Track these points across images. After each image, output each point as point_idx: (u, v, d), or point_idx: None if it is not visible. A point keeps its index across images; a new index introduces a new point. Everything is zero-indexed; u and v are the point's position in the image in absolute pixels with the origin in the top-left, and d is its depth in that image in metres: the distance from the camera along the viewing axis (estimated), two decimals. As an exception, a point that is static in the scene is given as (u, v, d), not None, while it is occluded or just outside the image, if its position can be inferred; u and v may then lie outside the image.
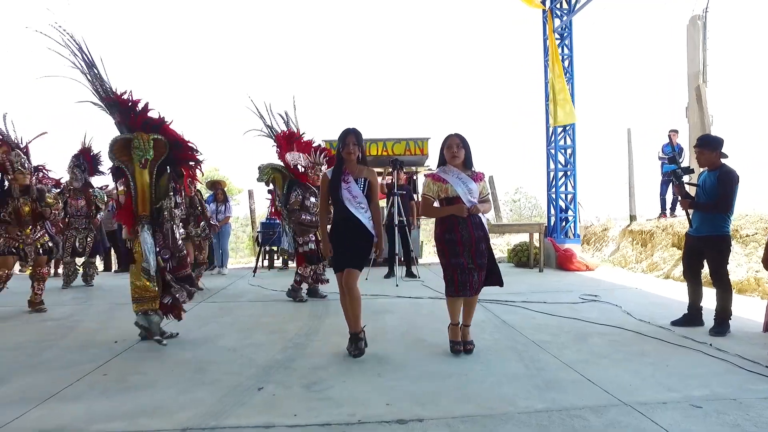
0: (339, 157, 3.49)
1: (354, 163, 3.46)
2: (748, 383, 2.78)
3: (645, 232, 8.74)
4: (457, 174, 3.36)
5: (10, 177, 4.95)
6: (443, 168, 3.44)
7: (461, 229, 3.32)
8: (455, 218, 3.33)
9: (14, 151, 4.94)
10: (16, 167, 4.91)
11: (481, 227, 3.38)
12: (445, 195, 3.38)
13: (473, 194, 3.33)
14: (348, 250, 3.40)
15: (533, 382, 2.90)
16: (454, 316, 3.47)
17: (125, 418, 2.47)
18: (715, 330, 3.86)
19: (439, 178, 3.39)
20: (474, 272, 3.33)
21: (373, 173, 3.55)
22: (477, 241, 3.33)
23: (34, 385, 2.94)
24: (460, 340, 3.46)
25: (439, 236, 3.43)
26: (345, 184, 3.40)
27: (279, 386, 2.88)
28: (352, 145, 3.42)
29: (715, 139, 4.12)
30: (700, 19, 8.43)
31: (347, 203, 3.37)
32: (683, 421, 2.30)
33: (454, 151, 3.38)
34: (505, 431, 2.25)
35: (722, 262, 3.95)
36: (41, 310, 5.16)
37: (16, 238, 5.01)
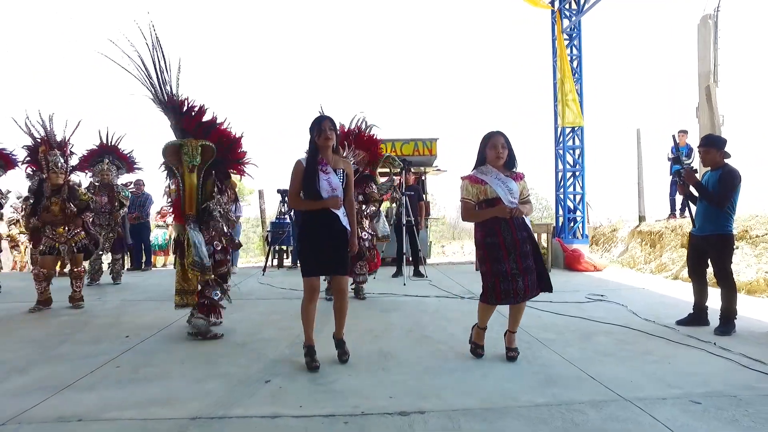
0: (313, 146, 3.18)
1: (329, 151, 3.18)
2: (750, 381, 2.80)
3: (654, 232, 8.70)
4: (496, 174, 3.15)
5: (44, 176, 5.05)
6: (480, 169, 3.21)
7: (503, 231, 3.09)
8: (496, 221, 3.11)
9: (52, 150, 5.05)
10: (51, 167, 5.01)
11: (524, 227, 3.17)
12: (484, 197, 3.15)
13: (514, 195, 3.12)
14: (329, 253, 3.13)
15: (536, 378, 2.94)
16: (483, 320, 3.33)
17: (137, 407, 2.56)
18: (720, 329, 3.86)
19: (477, 180, 3.16)
20: (519, 278, 3.08)
21: (348, 164, 3.31)
22: (521, 242, 3.11)
23: (51, 375, 3.05)
24: (483, 344, 3.36)
25: (479, 241, 3.21)
26: (324, 174, 3.11)
27: (286, 379, 2.96)
28: (329, 130, 3.12)
29: (719, 139, 4.14)
30: (711, 19, 8.37)
31: (325, 195, 3.09)
32: (681, 416, 2.34)
33: (499, 151, 3.14)
34: (504, 424, 2.30)
35: (726, 261, 3.96)
36: (80, 306, 5.28)
37: (52, 237, 5.11)
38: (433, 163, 10.00)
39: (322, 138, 3.11)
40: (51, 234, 5.12)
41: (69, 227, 5.22)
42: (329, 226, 3.12)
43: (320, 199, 3.08)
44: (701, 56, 8.46)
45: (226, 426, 2.32)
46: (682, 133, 9.09)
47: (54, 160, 5.03)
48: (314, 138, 3.15)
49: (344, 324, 3.32)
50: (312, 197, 3.11)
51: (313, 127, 3.17)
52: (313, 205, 3.12)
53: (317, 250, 3.12)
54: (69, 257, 5.29)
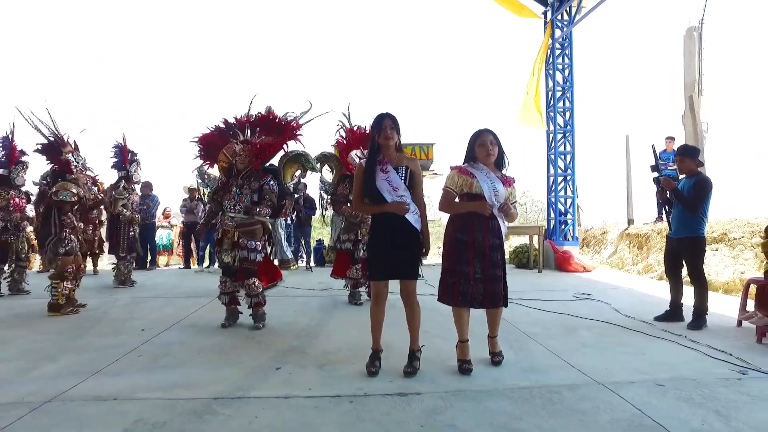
0: (374, 145, 3.06)
1: (392, 150, 3.04)
2: (711, 368, 3.13)
3: (641, 235, 9.05)
4: (487, 172, 3.06)
5: (72, 176, 5.22)
6: (471, 163, 3.12)
7: (475, 231, 3.01)
8: (472, 219, 3.03)
9: (77, 151, 5.30)
10: (79, 167, 5.24)
11: (498, 235, 3.07)
12: (468, 190, 3.05)
13: (499, 197, 3.02)
14: (395, 255, 2.97)
15: (521, 366, 3.26)
16: (461, 331, 3.15)
17: (163, 389, 2.86)
18: (693, 324, 4.19)
19: (466, 171, 3.07)
20: (481, 283, 3.00)
21: (414, 162, 3.13)
22: (491, 248, 3.02)
23: (80, 363, 3.34)
24: (469, 359, 3.15)
25: (449, 235, 3.13)
26: (383, 173, 2.98)
27: (295, 366, 3.26)
28: (390, 129, 2.99)
29: (693, 149, 4.50)
30: (696, 30, 8.74)
31: (387, 195, 2.95)
32: (645, 395, 2.66)
33: (488, 148, 3.06)
34: (491, 402, 2.62)
35: (698, 261, 4.29)
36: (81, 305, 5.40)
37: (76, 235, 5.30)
38: (429, 168, 10.32)
39: (382, 137, 3.00)
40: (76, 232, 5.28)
41: (86, 226, 5.50)
42: (396, 227, 2.97)
43: (382, 201, 2.97)
44: (687, 66, 8.83)
45: (245, 404, 2.62)
46: (669, 140, 9.47)
47: (82, 162, 5.31)
48: (375, 137, 3.05)
49: (418, 332, 3.12)
50: (372, 198, 3.01)
51: (374, 125, 3.06)
52: (375, 209, 3.03)
53: (383, 253, 2.98)
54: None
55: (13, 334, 4.15)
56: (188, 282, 7.58)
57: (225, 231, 4.32)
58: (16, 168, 6.07)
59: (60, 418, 2.45)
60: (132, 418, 2.44)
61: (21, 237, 6.21)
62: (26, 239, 6.31)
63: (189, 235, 9.80)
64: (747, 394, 2.67)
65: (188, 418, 2.44)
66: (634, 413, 2.45)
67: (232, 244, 4.30)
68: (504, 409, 2.53)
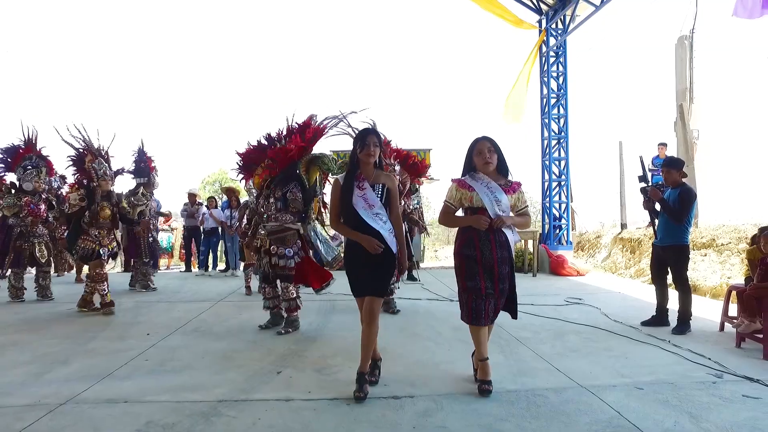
0: (354, 160, 3.01)
1: (371, 166, 2.99)
2: (689, 372, 3.31)
3: (634, 239, 9.24)
4: (487, 183, 2.95)
5: (94, 184, 5.43)
6: (472, 174, 3.03)
7: (482, 245, 2.92)
8: (476, 233, 2.93)
9: (98, 159, 5.47)
10: (100, 174, 5.42)
11: (506, 247, 2.96)
12: (469, 204, 2.97)
13: (502, 206, 2.90)
14: (366, 271, 2.92)
15: (509, 369, 3.43)
16: (480, 349, 3.03)
17: (171, 392, 3.03)
18: (677, 329, 4.38)
19: (465, 185, 2.99)
20: (492, 299, 2.93)
21: (392, 179, 3.07)
22: (499, 262, 2.92)
23: (91, 366, 3.51)
24: (490, 379, 2.98)
25: (456, 251, 3.05)
26: (359, 190, 2.93)
27: (295, 370, 3.43)
28: (373, 146, 2.93)
29: (678, 161, 4.69)
30: (687, 40, 8.94)
31: (362, 213, 2.89)
32: (624, 398, 2.84)
33: (486, 156, 2.95)
34: (479, 404, 2.80)
35: (682, 268, 4.47)
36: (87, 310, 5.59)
37: (93, 240, 5.43)
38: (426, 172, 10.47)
39: (364, 153, 2.92)
40: (93, 237, 5.42)
41: (109, 232, 5.60)
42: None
43: (358, 218, 2.91)
44: (678, 74, 9.02)
45: (248, 406, 2.79)
46: (662, 146, 9.67)
47: (103, 169, 5.46)
48: (356, 151, 2.98)
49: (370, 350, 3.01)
50: (348, 215, 2.96)
51: (356, 140, 3.00)
52: (349, 234, 2.97)
53: (360, 270, 2.94)
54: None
55: (25, 338, 4.32)
56: (189, 286, 7.75)
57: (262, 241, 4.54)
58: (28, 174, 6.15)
59: (76, 420, 2.61)
60: (143, 419, 2.61)
61: (37, 242, 6.21)
62: (44, 244, 6.30)
63: (190, 238, 9.97)
64: (719, 397, 2.84)
65: (196, 420, 2.61)
66: (613, 415, 2.63)
67: (265, 252, 4.49)
68: (491, 411, 2.70)
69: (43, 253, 6.23)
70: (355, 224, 2.93)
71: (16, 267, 6.17)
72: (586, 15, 8.59)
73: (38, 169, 6.21)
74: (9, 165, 6.24)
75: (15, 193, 6.19)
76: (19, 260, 6.14)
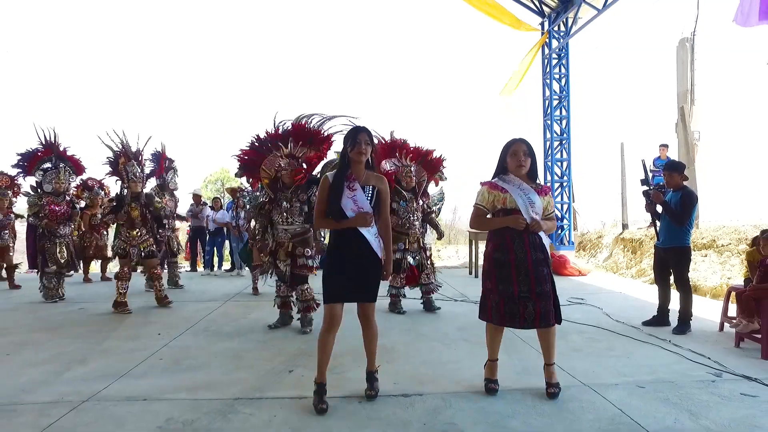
0: (344, 159, 2.89)
1: (362, 166, 2.88)
2: (689, 371, 3.41)
3: (635, 240, 9.33)
4: (519, 184, 2.91)
5: (125, 185, 5.61)
6: (502, 176, 2.99)
7: (516, 248, 2.85)
8: (509, 235, 2.87)
9: (130, 161, 5.62)
10: (130, 176, 5.57)
11: (541, 249, 2.90)
12: (501, 206, 2.91)
13: (536, 209, 2.86)
14: (352, 277, 2.83)
15: (514, 369, 3.52)
16: (492, 349, 3.06)
17: (187, 390, 3.13)
18: (678, 329, 4.47)
19: (497, 186, 2.94)
20: (529, 302, 2.83)
21: (383, 181, 2.95)
22: (535, 264, 2.85)
23: (107, 365, 3.61)
24: (496, 378, 3.07)
25: (488, 253, 2.99)
26: (350, 191, 2.82)
27: (306, 369, 3.53)
28: (365, 144, 2.81)
29: (679, 164, 4.79)
30: (688, 42, 9.02)
31: (350, 215, 2.80)
32: (626, 396, 2.94)
33: (521, 159, 2.90)
34: (486, 402, 2.90)
35: (684, 269, 4.57)
36: (167, 305, 5.82)
37: (125, 239, 5.62)
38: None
39: (356, 151, 2.80)
40: (125, 237, 5.61)
41: (142, 232, 5.73)
42: (356, 248, 2.81)
43: (344, 218, 2.80)
44: (679, 76, 9.11)
45: (263, 404, 2.89)
46: (663, 147, 9.75)
47: (133, 171, 5.60)
48: (347, 150, 2.86)
49: (375, 355, 3.03)
50: (334, 215, 2.81)
51: (347, 138, 2.87)
52: (337, 225, 2.83)
53: (341, 275, 2.82)
54: (137, 260, 5.82)
55: (40, 338, 4.43)
56: (196, 286, 7.84)
57: (279, 243, 4.57)
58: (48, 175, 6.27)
59: (98, 416, 2.72)
60: (163, 416, 2.71)
61: (58, 243, 6.31)
62: (65, 245, 6.39)
63: (195, 238, 10.07)
64: (718, 395, 2.94)
65: (214, 417, 2.71)
66: (615, 413, 2.72)
67: (287, 255, 4.57)
68: (498, 409, 2.80)
69: (63, 254, 6.31)
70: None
71: (44, 268, 6.29)
72: (588, 18, 8.67)
73: (57, 170, 6.29)
74: (26, 168, 6.34)
75: (38, 194, 6.29)
76: (44, 260, 6.26)
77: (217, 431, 2.55)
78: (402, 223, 5.36)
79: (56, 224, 6.28)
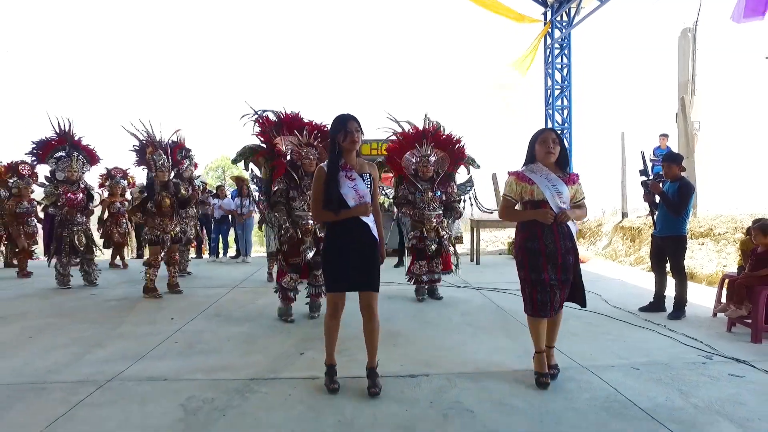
0: (335, 148, 2.84)
1: (353, 155, 2.88)
2: (682, 354, 3.57)
3: (634, 228, 9.46)
4: (546, 174, 2.91)
5: (153, 174, 5.73)
6: (530, 166, 2.99)
7: (545, 238, 2.87)
8: (539, 225, 2.89)
9: (157, 151, 5.74)
10: (158, 166, 5.69)
11: (569, 237, 2.93)
12: (529, 197, 2.93)
13: (563, 198, 2.87)
14: (354, 265, 2.84)
15: (516, 352, 3.68)
16: (538, 341, 3.04)
17: (204, 371, 3.29)
18: (672, 315, 4.63)
19: (525, 178, 2.94)
20: (557, 289, 2.92)
21: (375, 168, 3.01)
22: (564, 253, 2.88)
23: (126, 348, 3.78)
24: (547, 372, 3.02)
25: (519, 244, 3.01)
26: (350, 180, 2.81)
27: (316, 352, 3.68)
28: (356, 132, 2.79)
29: (678, 156, 4.92)
30: (690, 32, 9.05)
31: (352, 203, 2.80)
32: (622, 377, 3.10)
33: (549, 146, 2.90)
34: (489, 382, 3.06)
35: (680, 258, 4.72)
36: (178, 292, 5.98)
37: (157, 227, 5.77)
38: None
39: (348, 140, 2.79)
40: (156, 225, 5.76)
41: (171, 219, 5.89)
42: (358, 236, 2.84)
43: (346, 208, 2.81)
44: (681, 66, 9.16)
45: (278, 384, 3.06)
46: (663, 137, 9.85)
47: (161, 160, 5.72)
48: (337, 139, 2.82)
49: (376, 350, 2.99)
50: (332, 205, 2.80)
51: (337, 127, 2.82)
52: (340, 216, 2.82)
53: (344, 264, 2.84)
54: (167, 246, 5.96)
55: (59, 322, 4.60)
56: (203, 272, 8.01)
57: (306, 230, 4.56)
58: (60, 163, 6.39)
59: (123, 395, 2.88)
60: (184, 395, 2.88)
61: (76, 230, 6.42)
62: (83, 232, 6.50)
63: (200, 226, 10.22)
64: (708, 376, 3.11)
65: (232, 395, 2.87)
66: (610, 392, 2.89)
67: (314, 240, 4.59)
68: (500, 388, 2.96)
69: (81, 241, 6.44)
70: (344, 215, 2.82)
71: (58, 255, 6.43)
72: (591, 8, 8.71)
73: (70, 159, 6.39)
74: (39, 157, 6.44)
75: (53, 183, 6.41)
76: (60, 248, 6.39)
77: (236, 408, 2.72)
78: (418, 213, 5.43)
79: (75, 212, 6.41)
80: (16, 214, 7.60)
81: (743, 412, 2.60)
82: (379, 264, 2.96)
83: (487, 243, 13.90)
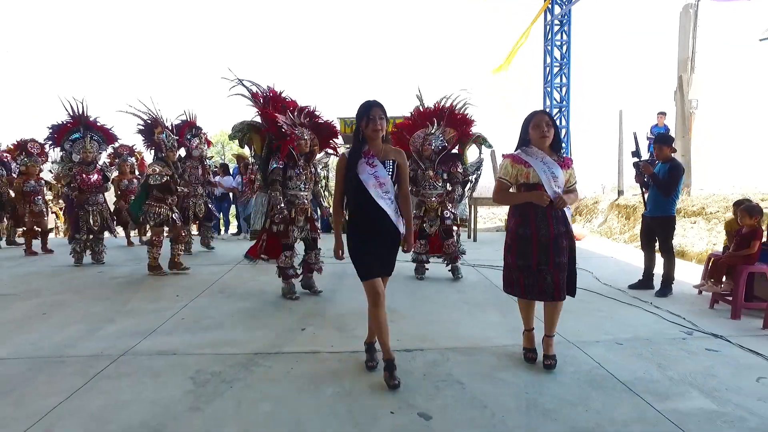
0: (358, 135, 2.83)
1: (379, 141, 2.83)
2: (665, 330, 3.76)
3: (629, 206, 9.60)
4: (542, 157, 2.89)
5: (163, 154, 5.79)
6: (525, 149, 2.96)
7: (538, 222, 2.88)
8: (533, 210, 2.88)
9: (166, 131, 5.82)
10: (169, 146, 5.77)
11: (563, 222, 2.92)
12: (525, 180, 2.92)
13: (558, 182, 2.86)
14: (377, 253, 2.84)
15: (507, 328, 3.87)
16: (527, 320, 3.18)
17: (211, 346, 3.48)
18: (660, 292, 4.81)
19: (520, 160, 2.92)
20: (547, 274, 2.88)
21: (402, 155, 2.91)
22: (556, 236, 2.88)
23: (135, 324, 3.96)
24: (534, 347, 3.16)
25: (511, 228, 3.02)
26: (370, 167, 2.77)
27: (317, 327, 3.88)
28: (379, 119, 2.76)
29: (669, 137, 5.03)
30: (692, 8, 8.98)
31: (372, 191, 2.75)
32: (605, 352, 3.29)
33: (543, 130, 2.87)
34: (481, 356, 3.25)
35: (668, 237, 4.88)
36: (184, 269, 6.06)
37: (168, 207, 5.84)
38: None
39: (371, 128, 2.76)
40: (168, 204, 5.83)
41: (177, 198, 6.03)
42: (377, 223, 2.82)
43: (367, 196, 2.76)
44: (681, 43, 9.12)
45: (281, 358, 3.25)
46: (661, 115, 9.89)
47: (171, 140, 5.80)
48: (361, 127, 2.81)
49: (389, 339, 2.90)
50: (354, 193, 2.81)
51: (360, 113, 2.80)
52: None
53: (369, 252, 2.83)
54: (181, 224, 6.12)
55: (70, 299, 4.79)
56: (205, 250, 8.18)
57: (301, 209, 4.72)
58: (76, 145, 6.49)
59: (137, 368, 3.08)
60: (193, 368, 3.07)
61: (92, 211, 6.57)
62: (99, 213, 6.65)
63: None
64: (686, 351, 3.30)
65: (238, 369, 3.06)
66: (593, 366, 3.08)
67: (307, 220, 4.78)
68: (490, 362, 3.15)
69: (96, 221, 6.61)
70: (361, 201, 2.79)
71: (76, 234, 6.62)
72: (591, -17, 8.63)
73: (84, 140, 6.49)
74: (55, 140, 6.56)
75: (68, 164, 6.52)
76: (77, 227, 6.57)
77: (242, 380, 2.91)
78: (417, 191, 5.48)
79: (89, 193, 6.53)
80: (23, 192, 7.72)
81: (713, 383, 2.80)
82: (396, 252, 2.95)
83: (485, 220, 14.07)
